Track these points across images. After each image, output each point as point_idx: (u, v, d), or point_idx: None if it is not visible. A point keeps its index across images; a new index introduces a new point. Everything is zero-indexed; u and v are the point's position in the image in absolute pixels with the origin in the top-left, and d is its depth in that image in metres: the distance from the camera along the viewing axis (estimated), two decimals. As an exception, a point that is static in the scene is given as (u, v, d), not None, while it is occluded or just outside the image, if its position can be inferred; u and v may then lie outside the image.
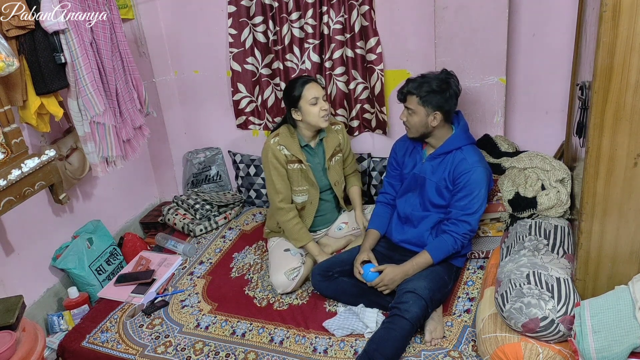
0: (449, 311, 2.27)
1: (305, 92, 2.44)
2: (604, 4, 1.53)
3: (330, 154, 2.60)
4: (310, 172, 2.56)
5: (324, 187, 2.65)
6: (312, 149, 2.60)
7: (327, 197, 2.70)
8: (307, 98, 2.43)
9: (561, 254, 2.05)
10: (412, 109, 2.22)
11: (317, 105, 2.45)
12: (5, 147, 2.17)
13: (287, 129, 2.56)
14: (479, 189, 2.21)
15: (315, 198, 2.62)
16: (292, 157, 2.53)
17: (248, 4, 2.91)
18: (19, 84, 2.19)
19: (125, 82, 2.61)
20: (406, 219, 2.41)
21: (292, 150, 2.52)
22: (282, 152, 2.52)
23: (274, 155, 2.52)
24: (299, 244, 2.58)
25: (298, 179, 2.57)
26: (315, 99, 2.44)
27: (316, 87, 2.46)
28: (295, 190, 2.58)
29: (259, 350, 2.20)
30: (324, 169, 2.62)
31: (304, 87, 2.45)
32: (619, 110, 1.63)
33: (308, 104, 2.44)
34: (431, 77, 2.22)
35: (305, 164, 2.54)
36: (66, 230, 2.83)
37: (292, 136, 2.55)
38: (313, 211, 2.64)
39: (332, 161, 2.63)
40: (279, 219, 2.60)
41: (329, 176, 2.63)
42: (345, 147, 2.68)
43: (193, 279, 2.72)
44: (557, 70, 2.55)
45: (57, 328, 2.59)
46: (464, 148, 2.26)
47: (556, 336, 1.81)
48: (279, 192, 2.54)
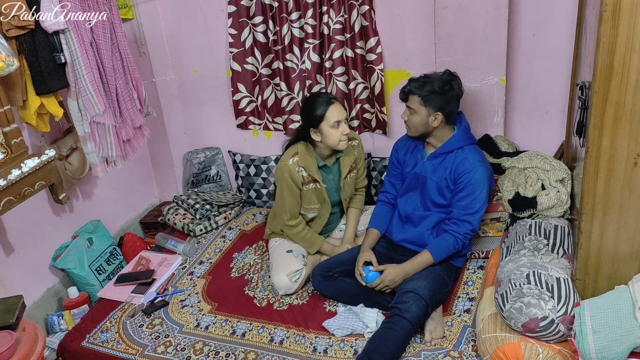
0: (449, 311, 2.27)
1: (328, 114, 2.33)
2: (604, 4, 1.53)
3: (346, 172, 2.55)
4: (324, 192, 2.51)
5: (334, 202, 2.61)
6: (329, 167, 2.53)
7: (334, 210, 2.66)
8: (330, 121, 2.33)
9: (561, 254, 2.05)
10: (414, 109, 2.22)
11: (339, 129, 2.35)
12: (5, 147, 2.17)
13: (305, 147, 2.46)
14: (480, 188, 2.21)
15: (326, 215, 2.59)
16: (308, 178, 2.46)
17: (248, 4, 2.91)
18: (19, 83, 2.19)
19: (125, 82, 2.61)
20: (407, 218, 2.41)
21: (310, 171, 2.44)
22: (300, 173, 2.43)
23: (291, 176, 2.43)
24: (313, 250, 2.56)
25: (310, 198, 2.51)
26: (337, 123, 2.34)
27: (339, 109, 2.36)
28: (307, 207, 2.54)
29: (259, 350, 2.20)
30: (338, 187, 2.57)
31: (327, 108, 2.33)
32: (619, 110, 1.63)
33: (329, 127, 2.34)
34: (434, 77, 2.21)
35: (320, 185, 2.48)
36: (66, 230, 2.83)
37: (311, 156, 2.45)
38: (322, 225, 2.62)
39: (347, 178, 2.57)
40: (288, 232, 2.56)
41: (342, 195, 2.59)
42: (359, 162, 2.60)
43: (193, 279, 2.72)
44: (557, 70, 2.55)
45: (57, 328, 2.59)
46: (466, 148, 2.26)
47: (556, 336, 1.81)
48: (289, 210, 2.50)
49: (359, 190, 2.70)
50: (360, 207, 2.71)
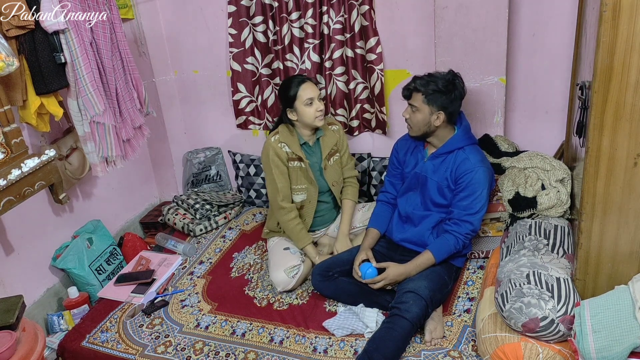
0: (449, 311, 2.27)
1: (300, 92, 2.45)
2: (604, 4, 1.53)
3: (327, 153, 2.60)
4: (309, 170, 2.56)
5: (323, 188, 2.64)
6: (310, 147, 2.60)
7: (326, 199, 2.69)
8: (302, 99, 2.45)
9: (561, 254, 2.05)
10: (416, 107, 2.22)
11: (312, 106, 2.46)
12: (5, 147, 2.17)
13: (286, 127, 2.57)
14: (481, 189, 2.21)
15: (314, 197, 2.62)
16: (292, 155, 2.54)
17: (248, 4, 2.91)
18: (19, 83, 2.19)
19: (125, 82, 2.61)
20: (407, 218, 2.41)
21: (293, 147, 2.53)
22: (283, 149, 2.53)
23: (276, 152, 2.52)
24: (299, 245, 2.59)
25: (297, 177, 2.57)
26: (310, 100, 2.45)
27: (311, 87, 2.47)
28: (295, 188, 2.58)
29: (259, 350, 2.20)
30: (321, 168, 2.62)
31: (299, 87, 2.46)
32: (619, 110, 1.63)
33: (303, 105, 2.45)
34: (438, 76, 2.22)
35: (305, 162, 2.55)
36: (66, 230, 2.83)
37: (292, 134, 2.55)
38: (312, 210, 2.64)
39: (329, 161, 2.63)
40: (280, 218, 2.59)
41: (325, 176, 2.62)
42: (341, 147, 2.67)
43: (193, 278, 2.72)
44: (557, 70, 2.55)
45: (57, 328, 2.59)
46: (467, 148, 2.26)
47: (556, 336, 1.81)
48: (281, 190, 2.54)
49: (349, 180, 2.73)
50: (354, 199, 2.73)
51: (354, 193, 2.73)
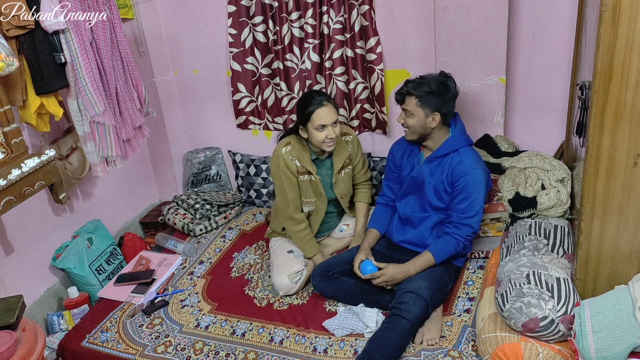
0: (449, 311, 2.27)
1: (314, 116, 2.33)
2: (604, 4, 1.53)
3: (338, 168, 2.55)
4: (320, 184, 2.52)
5: (330, 199, 2.61)
6: (322, 161, 2.54)
7: (332, 209, 2.67)
8: (315, 123, 2.34)
9: (561, 254, 2.05)
10: (410, 111, 2.22)
11: (324, 132, 2.35)
12: (5, 146, 2.17)
13: (297, 140, 2.48)
14: (477, 191, 2.20)
15: (322, 209, 2.59)
16: (302, 169, 2.48)
17: (248, 4, 2.91)
18: (19, 83, 2.19)
19: (125, 81, 2.61)
20: (407, 220, 2.41)
21: (304, 162, 2.46)
22: (294, 162, 2.46)
23: (286, 164, 2.45)
24: (308, 255, 2.56)
25: (307, 190, 2.52)
26: (322, 127, 2.34)
27: (328, 113, 2.34)
28: (303, 201, 2.54)
29: (259, 350, 2.20)
30: (331, 182, 2.57)
31: (315, 110, 2.33)
32: (619, 110, 1.63)
33: (314, 128, 2.35)
34: (430, 78, 2.21)
35: (315, 177, 2.49)
36: (66, 230, 2.83)
37: (304, 149, 2.48)
38: (319, 220, 2.62)
39: (340, 174, 2.57)
40: (290, 228, 2.56)
41: (335, 190, 2.59)
42: (355, 158, 2.60)
43: (193, 278, 2.72)
44: (557, 70, 2.56)
45: (57, 328, 2.59)
46: (461, 150, 2.25)
47: (556, 336, 1.81)
48: (292, 201, 2.49)
49: (363, 184, 2.70)
50: (368, 201, 2.70)
51: (367, 195, 2.70)
